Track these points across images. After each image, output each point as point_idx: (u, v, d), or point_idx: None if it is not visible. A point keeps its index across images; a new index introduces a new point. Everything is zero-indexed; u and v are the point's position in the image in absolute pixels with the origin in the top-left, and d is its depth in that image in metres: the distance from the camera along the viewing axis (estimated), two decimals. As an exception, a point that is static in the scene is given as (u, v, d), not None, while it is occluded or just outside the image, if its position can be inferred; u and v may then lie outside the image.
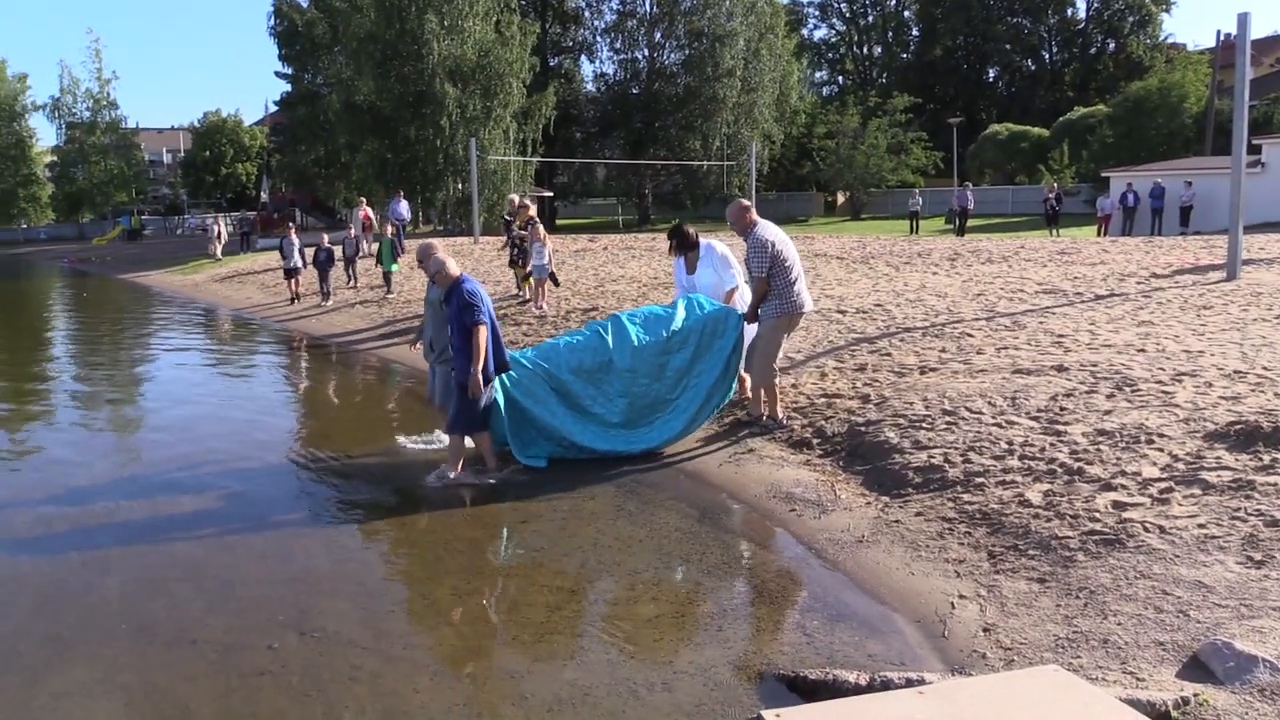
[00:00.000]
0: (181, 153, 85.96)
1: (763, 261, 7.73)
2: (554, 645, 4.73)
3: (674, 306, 8.33)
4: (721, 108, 48.09)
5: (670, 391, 8.02)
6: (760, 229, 7.86)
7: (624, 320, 8.18)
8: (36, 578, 5.88)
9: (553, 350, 8.13)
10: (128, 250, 50.87)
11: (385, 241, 20.46)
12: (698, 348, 8.05)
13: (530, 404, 7.77)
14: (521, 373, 7.82)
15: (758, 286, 7.85)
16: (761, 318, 7.96)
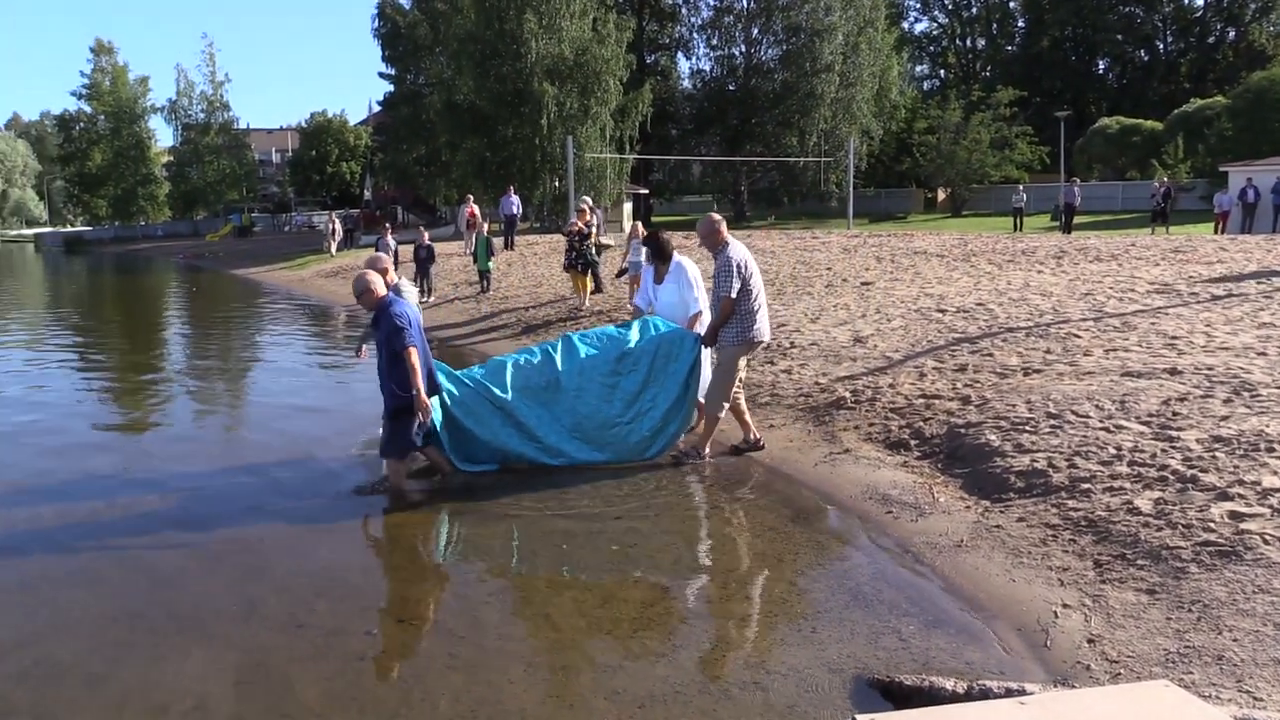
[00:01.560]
0: (289, 152, 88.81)
1: (729, 281, 7.49)
2: (646, 641, 4.75)
3: (628, 327, 8.09)
4: (819, 103, 47.54)
5: (621, 414, 7.73)
6: (731, 249, 7.62)
7: (575, 340, 7.97)
8: (155, 560, 6.14)
9: (499, 368, 7.83)
10: (239, 246, 52.86)
11: (481, 240, 20.78)
12: (650, 371, 7.78)
13: (471, 423, 7.52)
14: (463, 391, 7.58)
15: (723, 307, 7.59)
16: (721, 344, 7.72)
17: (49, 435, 9.66)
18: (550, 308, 17.37)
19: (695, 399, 7.97)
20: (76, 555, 6.19)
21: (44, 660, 4.72)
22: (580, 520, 6.65)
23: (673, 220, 50.46)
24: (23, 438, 9.56)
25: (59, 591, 5.63)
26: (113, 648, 4.85)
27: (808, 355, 10.82)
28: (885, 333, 11.33)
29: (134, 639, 4.96)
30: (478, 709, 4.15)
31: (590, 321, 15.44)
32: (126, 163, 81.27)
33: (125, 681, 4.50)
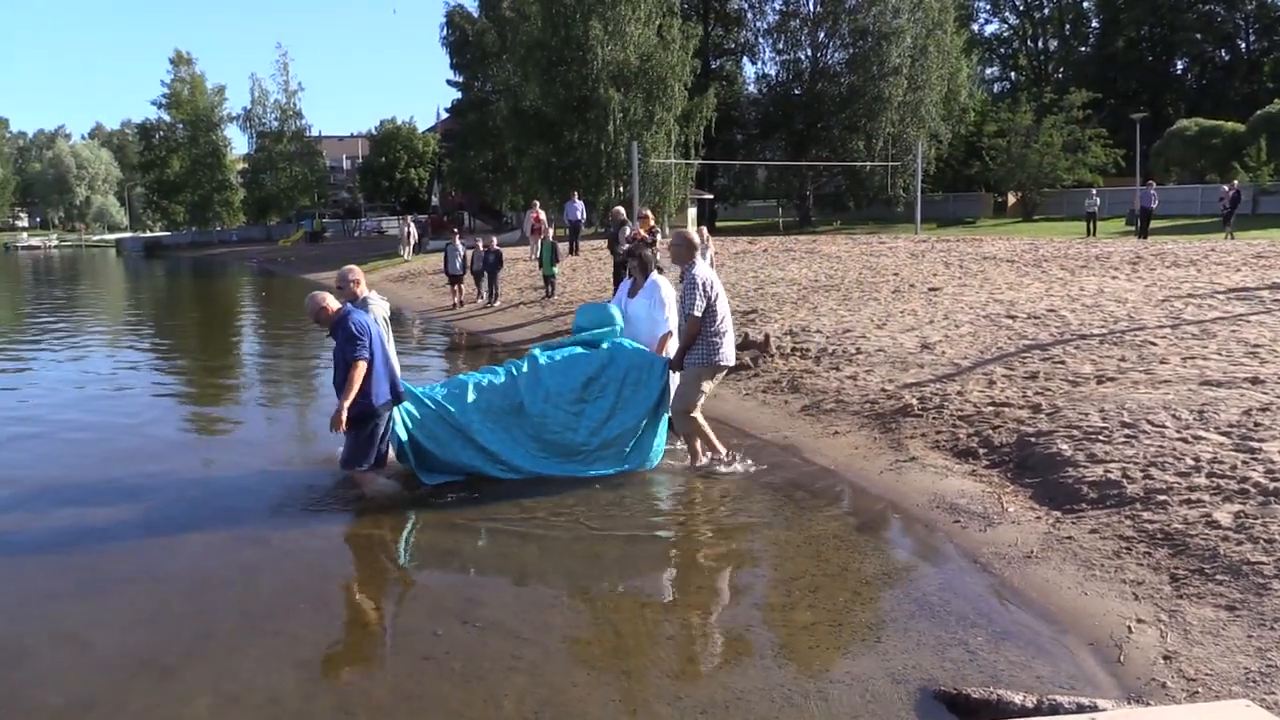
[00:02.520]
0: (360, 159, 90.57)
1: (694, 299, 7.36)
2: (709, 647, 4.74)
3: (598, 348, 7.87)
4: (886, 107, 47.00)
5: (588, 441, 7.52)
6: (697, 268, 7.49)
7: (540, 362, 7.71)
8: (227, 558, 6.28)
9: (461, 389, 7.59)
10: (310, 251, 53.94)
11: (546, 245, 20.93)
12: (618, 397, 7.59)
13: (432, 446, 7.38)
14: (424, 412, 7.41)
15: (689, 326, 7.46)
16: (686, 364, 7.58)
17: (124, 434, 9.94)
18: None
19: (665, 424, 7.85)
20: (151, 553, 6.36)
21: (123, 652, 4.86)
22: (643, 527, 6.66)
23: (737, 225, 50.33)
24: (99, 434, 9.86)
25: (134, 587, 5.79)
26: (187, 642, 4.98)
27: (874, 361, 10.71)
28: (953, 339, 11.16)
29: (208, 634, 5.08)
30: (541, 711, 4.17)
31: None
32: (203, 170, 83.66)
33: (199, 674, 4.61)
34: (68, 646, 4.95)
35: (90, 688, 4.51)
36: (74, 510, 7.17)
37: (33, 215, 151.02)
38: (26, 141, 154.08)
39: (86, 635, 5.08)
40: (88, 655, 4.84)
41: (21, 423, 10.57)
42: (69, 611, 5.42)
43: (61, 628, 5.18)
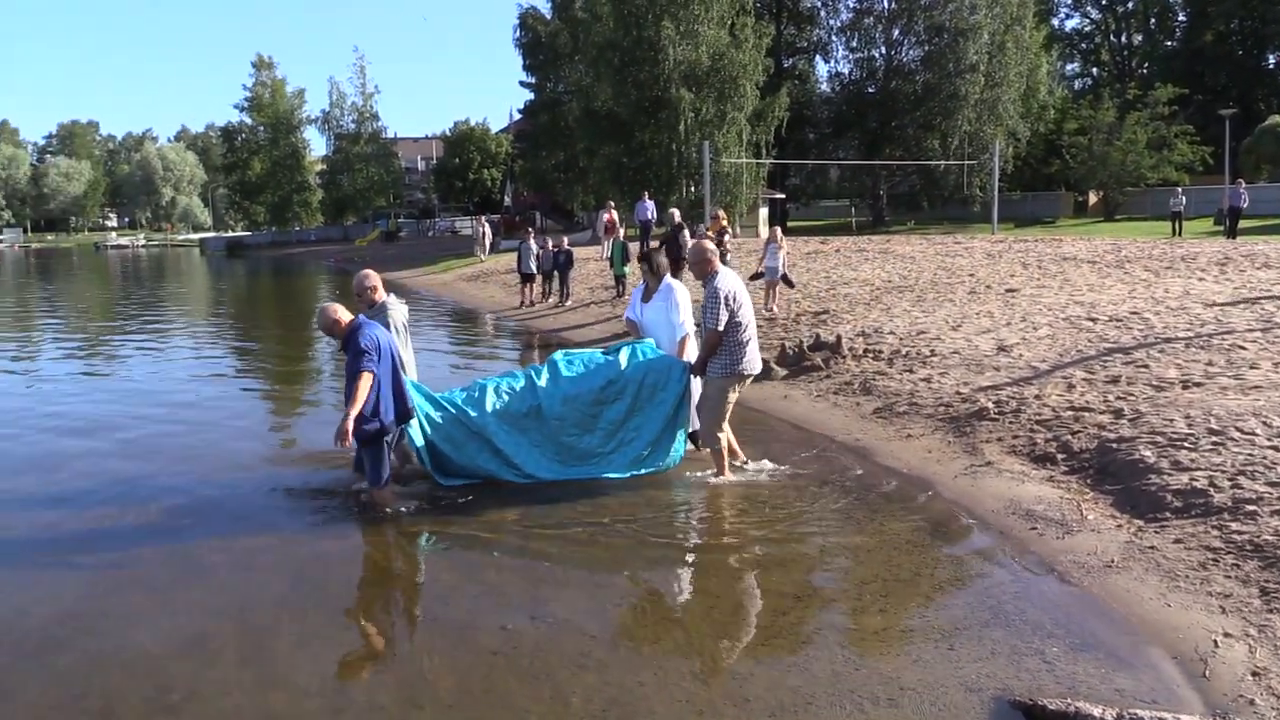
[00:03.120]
0: (434, 159, 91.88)
1: (717, 313, 7.17)
2: (778, 650, 4.69)
3: (616, 352, 7.81)
4: (963, 105, 46.14)
5: (604, 444, 7.51)
6: (720, 279, 7.28)
7: (560, 365, 7.70)
8: (300, 552, 6.42)
9: (480, 393, 7.58)
10: (385, 251, 54.88)
11: (617, 245, 21.00)
12: (635, 400, 7.52)
13: (448, 449, 7.35)
14: (443, 416, 7.37)
15: (709, 338, 7.29)
16: (709, 375, 7.42)
17: (205, 429, 10.22)
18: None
19: (684, 428, 7.74)
20: (229, 546, 6.52)
21: (201, 641, 4.99)
22: (711, 528, 6.64)
23: (809, 225, 49.92)
24: (180, 428, 10.15)
25: (213, 578, 5.95)
26: (261, 633, 5.09)
27: (948, 364, 10.53)
28: (1031, 341, 10.92)
29: (280, 625, 5.20)
30: (608, 709, 4.18)
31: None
32: (283, 171, 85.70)
33: (272, 663, 4.72)
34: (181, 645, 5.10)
35: (171, 676, 4.64)
36: (161, 504, 7.41)
37: (121, 215, 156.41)
38: (116, 144, 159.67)
39: (163, 623, 5.23)
40: (170, 643, 4.98)
41: (117, 413, 10.93)
42: (153, 601, 5.59)
43: (178, 624, 5.34)
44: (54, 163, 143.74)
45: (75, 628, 5.20)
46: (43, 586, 5.83)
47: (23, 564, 6.24)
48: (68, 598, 5.63)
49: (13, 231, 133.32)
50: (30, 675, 4.66)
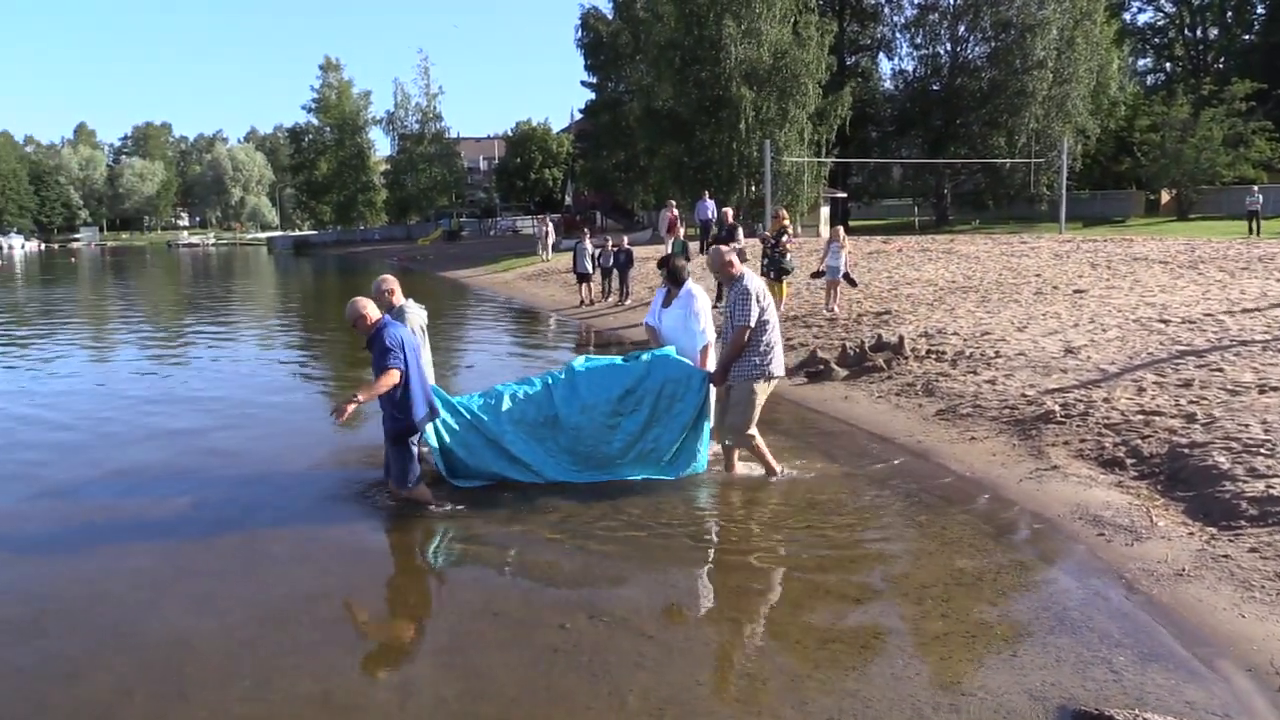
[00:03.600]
0: (496, 159, 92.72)
1: (747, 309, 7.11)
2: (836, 653, 4.66)
3: (635, 360, 7.68)
4: (1030, 102, 45.25)
5: (621, 455, 7.44)
6: (747, 279, 7.26)
7: (578, 373, 7.60)
8: (364, 545, 6.53)
9: (497, 399, 7.56)
10: (448, 250, 55.53)
11: (678, 244, 20.97)
12: (653, 411, 7.41)
13: (463, 454, 7.38)
14: (460, 422, 7.40)
15: (737, 335, 7.18)
16: (735, 377, 7.29)
17: (263, 424, 10.43)
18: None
19: (703, 440, 7.61)
20: (292, 537, 6.65)
21: (268, 629, 5.10)
22: (771, 529, 6.60)
23: (871, 224, 49.40)
24: (243, 420, 10.38)
25: (279, 569, 6.07)
26: (326, 625, 5.19)
27: (1014, 365, 10.35)
28: (1100, 344, 10.69)
29: (346, 616, 5.29)
30: (665, 708, 4.18)
31: (783, 328, 15.31)
32: (349, 171, 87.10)
33: (337, 654, 4.81)
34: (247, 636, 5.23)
35: (238, 662, 4.75)
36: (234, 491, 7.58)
37: (192, 215, 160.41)
38: (188, 145, 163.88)
39: (235, 617, 5.36)
40: (240, 634, 5.10)
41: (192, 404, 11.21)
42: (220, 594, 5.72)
43: (243, 612, 5.47)
44: (129, 163, 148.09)
45: (151, 610, 5.35)
46: (126, 564, 6.00)
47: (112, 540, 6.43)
48: (145, 582, 5.79)
49: (89, 230, 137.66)
50: (110, 656, 4.81)
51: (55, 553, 6.38)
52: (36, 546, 6.52)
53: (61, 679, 4.62)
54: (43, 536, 6.72)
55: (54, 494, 7.74)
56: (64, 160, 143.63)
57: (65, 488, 7.91)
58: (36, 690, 4.53)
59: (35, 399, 12.17)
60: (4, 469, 8.63)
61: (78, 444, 9.55)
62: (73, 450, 9.26)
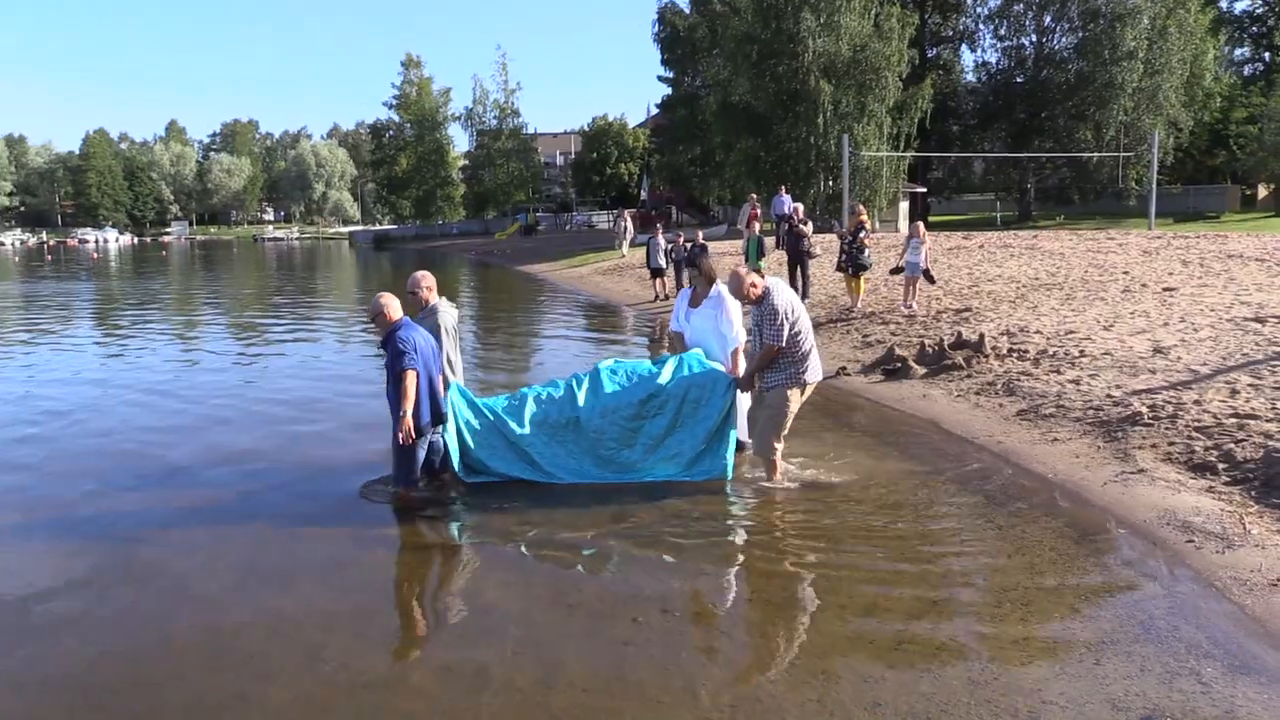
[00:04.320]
0: (572, 154, 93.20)
1: (776, 330, 6.89)
2: (912, 655, 4.59)
3: (662, 364, 7.52)
4: (1119, 94, 43.89)
5: (642, 459, 7.36)
6: (774, 296, 6.97)
7: (602, 376, 7.52)
8: (439, 537, 6.63)
9: (521, 401, 7.55)
10: (524, 245, 56.06)
11: (752, 240, 20.87)
12: (677, 415, 7.28)
13: (484, 454, 7.40)
14: (482, 422, 7.43)
15: (765, 353, 6.97)
16: (770, 384, 7.08)
17: (360, 414, 10.64)
18: (820, 309, 17.19)
19: (727, 445, 7.41)
20: (368, 531, 6.79)
21: (349, 617, 5.22)
22: (846, 528, 6.53)
23: (951, 220, 48.51)
24: (340, 409, 10.61)
25: (362, 555, 6.20)
26: (402, 612, 5.29)
27: (1099, 365, 10.08)
28: (1191, 344, 10.35)
29: (421, 606, 5.39)
30: (737, 705, 4.17)
31: (860, 324, 15.14)
32: (428, 167, 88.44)
33: (416, 642, 4.90)
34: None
35: (322, 647, 4.87)
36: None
37: (277, 209, 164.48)
38: (273, 141, 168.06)
39: (299, 612, 5.49)
40: (314, 620, 5.23)
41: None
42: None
43: (326, 599, 5.61)
44: (217, 160, 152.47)
45: (228, 594, 5.52)
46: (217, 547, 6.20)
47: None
48: (224, 570, 5.98)
49: (180, 224, 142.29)
50: (194, 643, 4.98)
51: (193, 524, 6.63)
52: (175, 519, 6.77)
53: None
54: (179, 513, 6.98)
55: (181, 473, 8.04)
56: (156, 156, 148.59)
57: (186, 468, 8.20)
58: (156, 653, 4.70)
59: (146, 384, 12.62)
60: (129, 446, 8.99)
61: (191, 425, 9.91)
62: (190, 432, 9.60)
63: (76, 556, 6.25)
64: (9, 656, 4.86)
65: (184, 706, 4.35)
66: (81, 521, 6.97)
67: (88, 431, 9.95)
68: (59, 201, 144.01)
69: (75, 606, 5.47)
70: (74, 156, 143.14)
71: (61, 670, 4.69)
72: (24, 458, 8.87)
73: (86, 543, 6.50)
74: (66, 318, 23.48)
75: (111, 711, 4.36)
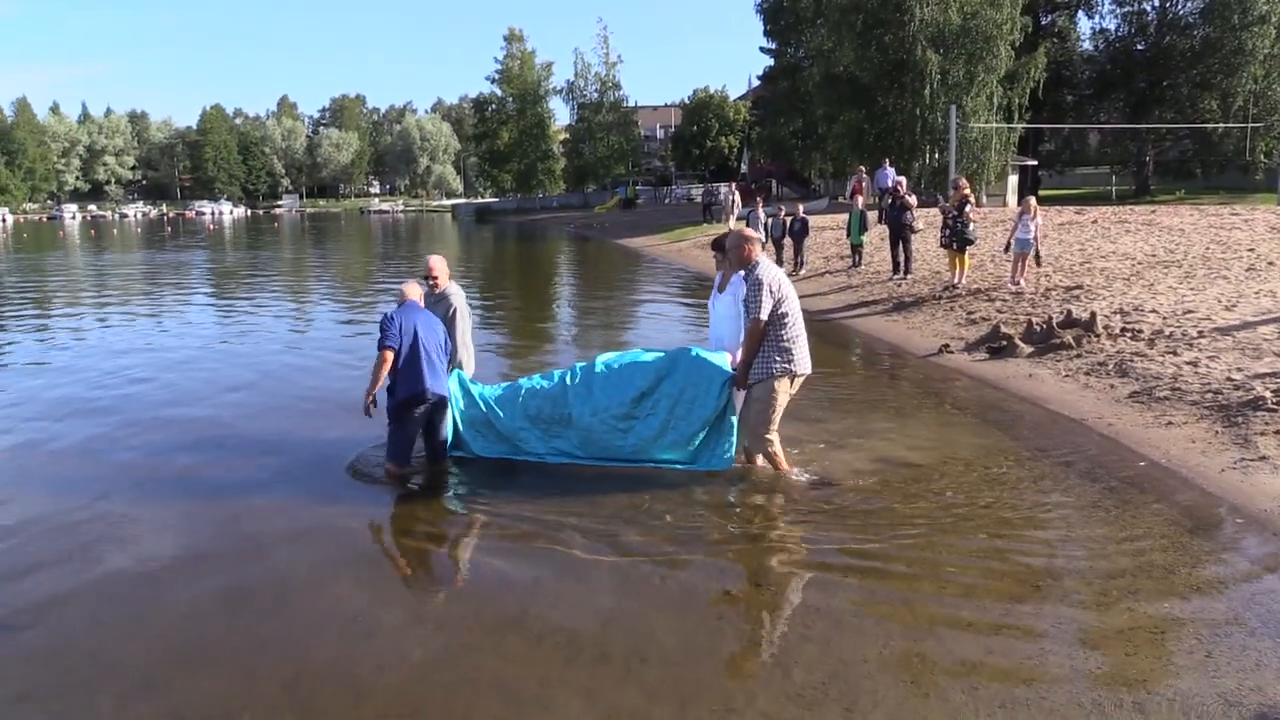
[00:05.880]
0: (672, 128, 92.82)
1: (759, 301, 6.55)
2: (1012, 639, 4.49)
3: (660, 359, 7.21)
4: (1249, 61, 41.55)
5: (633, 455, 7.14)
6: (761, 269, 6.67)
7: (595, 372, 7.28)
8: (535, 513, 6.73)
9: (513, 393, 7.47)
10: (623, 218, 56.15)
11: (855, 214, 20.50)
12: (670, 415, 7.00)
13: (469, 436, 7.50)
14: (473, 412, 7.48)
15: (751, 330, 6.62)
16: (755, 375, 6.70)
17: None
18: (923, 285, 16.82)
19: (726, 440, 7.12)
20: (481, 503, 6.92)
21: (438, 591, 5.34)
22: (945, 508, 6.40)
23: (1063, 194, 46.83)
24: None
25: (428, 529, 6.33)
26: (495, 581, 5.39)
27: (1219, 346, 9.64)
28: (1320, 325, 9.81)
29: (515, 575, 5.48)
30: (829, 683, 4.14)
31: (964, 301, 14.77)
32: (529, 140, 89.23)
33: (510, 612, 4.98)
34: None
35: (454, 623, 4.99)
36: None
37: (383, 183, 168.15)
38: (379, 116, 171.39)
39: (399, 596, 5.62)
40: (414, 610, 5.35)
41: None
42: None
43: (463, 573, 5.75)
44: (326, 134, 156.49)
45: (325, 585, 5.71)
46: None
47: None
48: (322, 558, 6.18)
49: (290, 198, 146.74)
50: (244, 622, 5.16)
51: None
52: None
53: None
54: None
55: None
56: (269, 131, 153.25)
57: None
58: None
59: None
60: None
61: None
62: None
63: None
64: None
65: (329, 661, 4.53)
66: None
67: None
68: (178, 175, 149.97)
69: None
70: (191, 132, 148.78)
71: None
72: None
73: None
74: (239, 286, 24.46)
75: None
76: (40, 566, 5.67)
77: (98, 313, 19.11)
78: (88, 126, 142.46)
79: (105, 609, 5.12)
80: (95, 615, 5.05)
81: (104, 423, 9.25)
